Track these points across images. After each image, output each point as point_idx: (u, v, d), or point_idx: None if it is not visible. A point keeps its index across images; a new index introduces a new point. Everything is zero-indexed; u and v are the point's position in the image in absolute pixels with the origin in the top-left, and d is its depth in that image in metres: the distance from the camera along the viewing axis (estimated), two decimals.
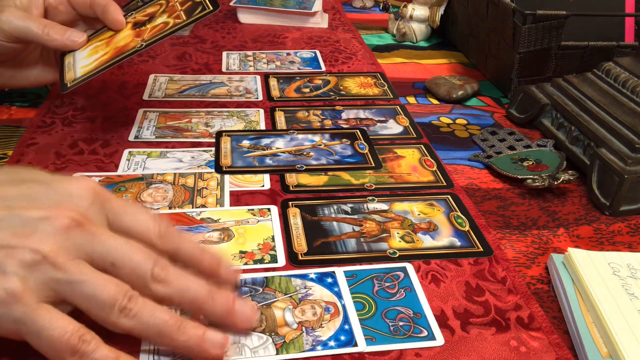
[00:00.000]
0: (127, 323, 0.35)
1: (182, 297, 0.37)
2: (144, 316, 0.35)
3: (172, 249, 0.39)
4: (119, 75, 0.75)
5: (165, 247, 0.39)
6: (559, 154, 0.60)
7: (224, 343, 0.37)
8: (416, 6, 0.94)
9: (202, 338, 0.36)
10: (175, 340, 0.36)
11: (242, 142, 0.61)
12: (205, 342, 0.36)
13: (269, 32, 0.93)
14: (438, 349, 0.39)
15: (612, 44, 0.73)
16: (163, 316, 0.35)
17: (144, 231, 0.38)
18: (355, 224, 0.50)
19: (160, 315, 0.35)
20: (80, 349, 0.34)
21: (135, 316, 0.35)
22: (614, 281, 0.43)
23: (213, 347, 0.36)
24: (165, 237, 0.39)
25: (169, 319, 0.35)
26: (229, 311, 0.38)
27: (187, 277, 0.37)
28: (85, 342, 0.34)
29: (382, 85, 0.76)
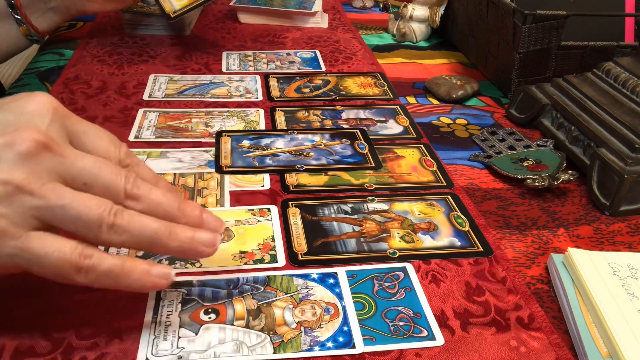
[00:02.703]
0: (119, 238, 0.35)
1: (154, 211, 0.37)
2: (133, 229, 0.35)
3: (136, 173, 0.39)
4: (119, 76, 0.75)
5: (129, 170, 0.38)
6: (559, 154, 0.60)
7: (214, 240, 0.37)
8: (416, 6, 0.94)
9: (193, 240, 0.37)
10: (167, 247, 0.36)
11: (242, 142, 0.61)
12: (196, 243, 0.37)
13: (269, 32, 0.93)
14: (438, 349, 0.39)
15: (612, 44, 0.73)
16: (152, 225, 0.36)
17: (105, 156, 0.38)
18: (355, 224, 0.50)
19: (150, 225, 0.35)
20: (84, 265, 0.34)
21: (125, 231, 0.35)
22: (614, 281, 0.43)
23: (205, 246, 0.37)
24: (126, 164, 0.39)
25: (158, 227, 0.36)
26: (199, 219, 0.38)
27: (156, 191, 0.37)
28: (87, 256, 0.34)
29: (382, 85, 0.76)
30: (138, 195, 0.36)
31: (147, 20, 0.88)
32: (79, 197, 0.34)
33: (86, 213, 0.34)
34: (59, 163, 0.35)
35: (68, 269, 0.34)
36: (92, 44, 0.84)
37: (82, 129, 0.38)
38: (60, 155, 0.35)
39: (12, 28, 0.74)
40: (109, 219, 0.34)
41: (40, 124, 0.35)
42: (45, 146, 0.34)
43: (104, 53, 0.81)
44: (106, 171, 0.36)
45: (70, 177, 0.35)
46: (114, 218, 0.34)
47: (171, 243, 0.36)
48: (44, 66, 0.79)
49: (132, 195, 0.36)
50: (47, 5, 0.75)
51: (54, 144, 0.35)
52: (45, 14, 0.76)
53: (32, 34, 0.76)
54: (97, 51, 0.81)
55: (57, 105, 0.37)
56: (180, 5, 0.75)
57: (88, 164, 0.35)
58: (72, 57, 0.80)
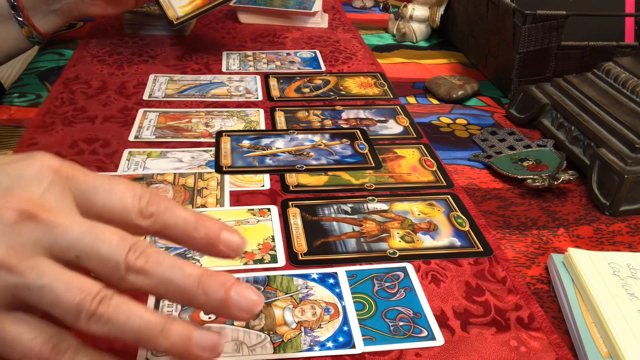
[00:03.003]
0: (100, 329, 0.29)
1: (167, 289, 0.31)
2: (118, 320, 0.29)
3: (160, 227, 0.33)
4: (119, 76, 0.75)
5: (152, 226, 0.33)
6: (559, 154, 0.60)
7: (215, 346, 0.31)
8: (416, 6, 0.94)
9: (189, 341, 0.30)
10: (157, 345, 0.30)
11: (242, 142, 0.61)
12: (192, 346, 0.30)
13: (269, 32, 0.93)
14: (438, 349, 0.39)
15: (612, 44, 0.73)
16: (142, 319, 0.30)
17: (122, 211, 0.32)
18: (355, 224, 0.50)
19: (139, 318, 0.30)
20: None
21: (109, 321, 0.29)
22: (614, 281, 0.43)
23: (203, 351, 0.30)
24: (149, 214, 0.32)
25: (148, 321, 0.30)
26: (223, 302, 0.31)
27: (171, 263, 0.31)
28: (60, 352, 0.29)
29: (382, 85, 0.76)
30: (143, 268, 0.30)
31: (147, 20, 0.88)
32: (60, 277, 0.29)
33: (65, 297, 0.29)
34: (46, 234, 0.30)
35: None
36: (92, 44, 0.84)
37: (90, 186, 0.33)
38: (50, 224, 0.30)
39: (14, 30, 0.74)
40: (89, 307, 0.29)
41: (35, 189, 0.31)
42: (30, 216, 0.30)
43: (104, 53, 0.81)
44: (104, 240, 0.30)
45: (60, 250, 0.30)
46: (96, 306, 0.29)
47: (162, 342, 0.30)
48: (44, 66, 0.79)
49: (135, 269, 0.30)
50: (49, 8, 0.76)
51: (43, 212, 0.30)
52: (47, 16, 0.76)
53: (34, 36, 0.76)
54: (97, 51, 0.81)
55: (60, 165, 0.33)
56: (184, 12, 0.75)
57: (82, 232, 0.30)
58: (72, 57, 0.80)
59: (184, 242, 0.33)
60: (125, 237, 0.31)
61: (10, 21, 0.74)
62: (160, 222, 0.33)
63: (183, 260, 0.32)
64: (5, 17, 0.73)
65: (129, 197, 0.32)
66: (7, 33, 0.74)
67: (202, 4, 0.76)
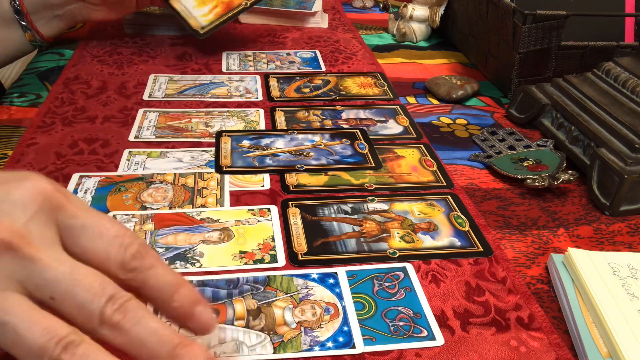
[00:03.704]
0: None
1: (139, 351, 0.29)
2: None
3: (138, 284, 0.31)
4: (119, 76, 0.75)
5: (130, 281, 0.31)
6: (559, 154, 0.60)
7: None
8: (416, 6, 0.94)
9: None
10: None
11: (242, 142, 0.61)
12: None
13: (269, 32, 0.93)
14: (438, 349, 0.39)
15: (612, 44, 0.73)
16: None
17: (104, 259, 0.30)
18: (355, 224, 0.50)
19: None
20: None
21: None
22: (614, 281, 0.43)
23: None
24: (131, 269, 0.31)
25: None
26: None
27: (149, 323, 0.29)
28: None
29: (382, 85, 0.76)
30: (118, 324, 0.28)
31: (147, 20, 0.88)
32: (28, 316, 0.27)
33: (27, 339, 0.27)
34: (23, 268, 0.28)
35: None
36: (92, 44, 0.84)
37: (79, 223, 0.31)
38: (28, 258, 0.28)
39: (16, 34, 0.75)
40: (52, 352, 0.27)
41: (19, 217, 0.29)
42: (8, 246, 0.28)
43: (104, 53, 0.81)
44: (83, 286, 0.28)
45: (35, 287, 0.28)
46: (59, 352, 0.27)
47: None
48: (44, 66, 0.79)
49: (110, 323, 0.28)
50: (53, 13, 0.76)
51: (23, 243, 0.28)
52: (51, 21, 0.76)
53: (37, 40, 0.76)
54: (97, 51, 0.81)
55: (51, 193, 0.30)
56: (208, 21, 0.76)
57: (61, 273, 0.28)
58: (72, 57, 0.80)
59: (157, 306, 0.32)
60: (106, 285, 0.29)
61: (14, 25, 0.74)
62: (140, 280, 0.31)
63: (162, 323, 0.30)
64: (8, 21, 0.73)
65: (115, 246, 0.31)
66: (9, 37, 0.74)
67: (223, 12, 0.77)
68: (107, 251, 0.30)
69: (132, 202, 0.51)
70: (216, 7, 0.76)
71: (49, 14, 0.76)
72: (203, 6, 0.76)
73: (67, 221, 0.30)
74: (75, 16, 0.78)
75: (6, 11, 0.73)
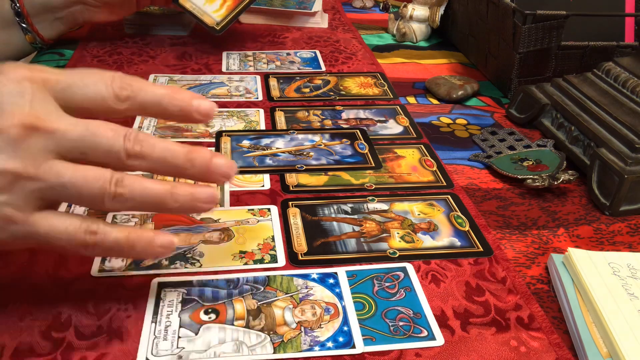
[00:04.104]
0: (123, 206, 0.35)
1: (162, 167, 0.36)
2: (136, 196, 0.35)
3: (138, 107, 0.37)
4: None
5: (130, 108, 0.37)
6: (559, 154, 0.60)
7: (212, 197, 0.37)
8: (416, 6, 0.94)
9: (193, 198, 0.36)
10: (170, 208, 0.36)
11: (242, 142, 0.61)
12: (196, 202, 0.37)
13: (269, 32, 0.93)
14: (438, 349, 0.39)
15: (612, 44, 0.73)
16: (153, 189, 0.35)
17: (100, 100, 0.36)
18: (355, 224, 0.50)
19: (151, 190, 0.35)
20: (89, 241, 0.35)
21: (128, 199, 0.35)
22: (614, 281, 0.43)
23: (204, 203, 0.37)
24: (125, 97, 0.37)
25: (159, 190, 0.36)
26: (208, 170, 0.37)
27: (161, 144, 0.36)
28: (92, 233, 0.35)
29: (382, 85, 0.76)
30: (141, 153, 0.35)
31: (147, 20, 0.88)
32: (77, 172, 0.34)
33: (87, 188, 0.34)
34: (50, 140, 0.34)
35: (75, 246, 0.35)
36: (92, 44, 0.84)
37: (65, 85, 0.36)
38: (51, 131, 0.34)
39: (17, 36, 0.75)
40: (110, 190, 0.34)
41: (22, 103, 0.34)
42: (32, 127, 0.33)
43: (104, 53, 0.81)
44: (102, 135, 0.35)
45: (66, 150, 0.34)
46: (115, 188, 0.34)
47: (173, 204, 0.36)
48: None
49: (134, 154, 0.35)
50: (54, 15, 0.76)
51: (41, 122, 0.34)
52: (52, 24, 0.76)
53: (37, 42, 0.76)
54: (97, 51, 0.81)
55: (31, 74, 0.35)
56: (221, 17, 0.76)
57: (80, 132, 0.34)
58: (72, 57, 0.80)
59: (161, 116, 0.38)
60: (115, 128, 0.35)
61: (14, 27, 0.74)
62: (138, 102, 0.37)
63: (170, 141, 0.37)
64: (8, 23, 0.73)
65: (102, 86, 0.36)
66: (10, 38, 0.74)
67: (234, 6, 0.77)
68: (99, 93, 0.36)
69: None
70: (226, 1, 0.77)
71: (49, 16, 0.76)
72: (213, 1, 0.77)
73: (55, 87, 0.35)
74: (76, 18, 0.78)
75: (6, 13, 0.73)
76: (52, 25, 0.77)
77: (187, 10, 0.78)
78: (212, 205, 0.37)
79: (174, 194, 0.36)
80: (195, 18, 0.78)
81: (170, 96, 0.37)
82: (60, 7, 0.75)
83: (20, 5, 0.72)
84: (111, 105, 0.36)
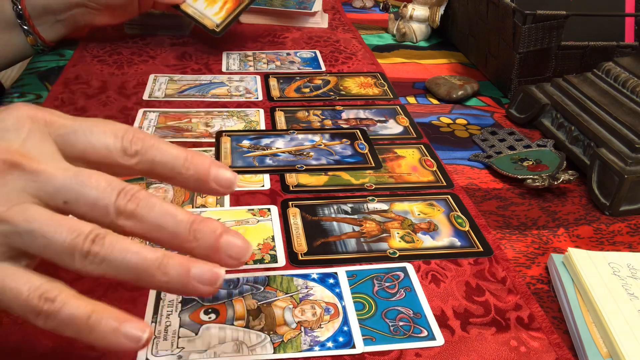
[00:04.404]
0: (96, 269, 0.29)
1: (159, 234, 0.31)
2: (114, 258, 0.29)
3: (147, 166, 0.32)
4: (119, 76, 0.75)
5: (138, 165, 0.32)
6: (559, 154, 0.60)
7: (214, 279, 0.30)
8: (416, 6, 0.94)
9: (187, 276, 0.30)
10: (156, 282, 0.30)
11: (242, 142, 0.61)
12: (191, 280, 0.30)
13: (269, 32, 0.93)
14: (438, 349, 0.39)
15: (612, 44, 0.73)
16: (138, 255, 0.29)
17: (105, 152, 0.32)
18: (355, 224, 0.50)
19: (135, 255, 0.29)
20: (43, 310, 0.29)
21: (104, 260, 0.29)
22: (614, 281, 0.43)
23: (202, 285, 0.30)
24: (134, 152, 0.32)
25: (145, 257, 0.30)
26: (213, 248, 0.31)
27: (162, 207, 0.31)
28: (47, 300, 0.29)
29: (382, 85, 0.76)
30: (134, 213, 0.30)
31: (147, 20, 0.88)
32: (51, 220, 0.29)
33: (57, 239, 0.29)
34: (31, 181, 0.30)
35: (26, 312, 0.29)
36: (93, 44, 0.84)
37: (70, 130, 0.32)
38: (34, 172, 0.30)
39: (18, 38, 0.75)
40: (82, 246, 0.29)
41: (14, 139, 0.31)
42: (12, 164, 0.30)
43: (104, 53, 0.81)
44: (91, 186, 0.30)
45: (47, 196, 0.30)
46: (89, 245, 0.29)
47: (160, 278, 0.30)
48: (44, 66, 0.79)
49: (126, 213, 0.30)
50: (55, 18, 0.76)
51: (26, 160, 0.30)
52: (53, 26, 0.76)
53: (39, 44, 0.76)
54: (97, 51, 0.81)
55: (35, 113, 0.32)
56: (221, 19, 0.77)
57: (67, 178, 0.30)
58: (72, 57, 0.80)
59: (173, 180, 0.33)
60: (112, 181, 0.31)
61: (16, 29, 0.74)
62: (148, 160, 0.32)
63: (173, 205, 0.31)
64: (10, 25, 0.73)
65: (109, 136, 0.32)
66: (11, 40, 0.75)
67: (233, 8, 0.78)
68: (105, 144, 0.32)
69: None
70: (226, 4, 0.78)
71: (51, 19, 0.76)
72: (213, 5, 0.78)
73: (58, 131, 0.32)
74: (78, 21, 0.78)
75: (8, 15, 0.73)
76: (54, 28, 0.77)
77: (188, 15, 0.78)
78: (212, 289, 0.30)
79: (163, 265, 0.30)
80: (196, 22, 0.78)
81: (185, 159, 0.33)
82: (62, 9, 0.75)
83: (22, 7, 0.73)
84: (116, 159, 0.32)
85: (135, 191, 0.31)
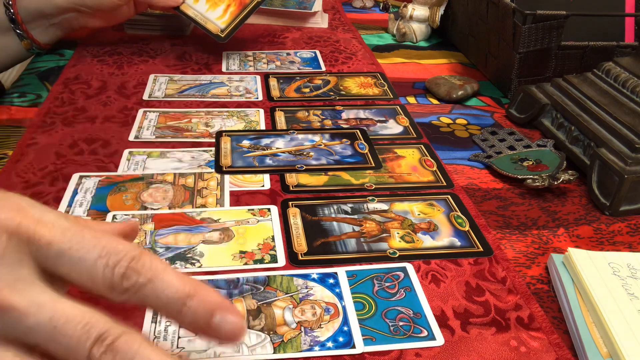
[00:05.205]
0: None
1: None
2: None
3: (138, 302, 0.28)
4: (119, 76, 0.75)
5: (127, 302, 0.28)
6: (559, 154, 0.60)
7: None
8: (416, 6, 0.94)
9: None
10: None
11: (242, 142, 0.61)
12: None
13: (269, 32, 0.93)
14: (438, 349, 0.39)
15: (612, 44, 0.73)
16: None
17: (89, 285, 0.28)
18: (355, 224, 0.50)
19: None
20: None
21: None
22: (614, 281, 0.43)
23: None
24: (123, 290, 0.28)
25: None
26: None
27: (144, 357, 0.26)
28: None
29: (382, 85, 0.76)
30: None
31: (147, 20, 0.88)
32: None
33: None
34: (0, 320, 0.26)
35: None
36: (92, 44, 0.84)
37: (54, 252, 0.27)
38: (4, 308, 0.26)
39: (13, 41, 0.74)
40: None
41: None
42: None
43: (104, 53, 0.81)
44: (65, 334, 0.26)
45: (18, 335, 0.26)
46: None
47: None
48: (44, 66, 0.79)
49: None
50: (49, 21, 0.75)
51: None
52: (47, 29, 0.76)
53: (34, 48, 0.76)
54: (97, 51, 0.81)
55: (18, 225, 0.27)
56: (225, 23, 0.74)
57: (41, 321, 0.26)
58: (72, 57, 0.80)
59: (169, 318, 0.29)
60: (90, 326, 0.26)
61: (9, 33, 0.74)
62: (137, 299, 0.28)
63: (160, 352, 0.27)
64: (4, 29, 0.73)
65: (99, 269, 0.27)
66: (6, 44, 0.74)
67: (238, 11, 0.76)
68: (91, 276, 0.27)
69: (132, 202, 0.51)
70: (230, 7, 0.75)
71: (44, 23, 0.75)
72: (216, 7, 0.75)
73: (41, 251, 0.27)
74: (72, 24, 0.77)
75: (1, 20, 0.73)
76: (48, 31, 0.76)
77: (189, 17, 0.77)
78: None
79: None
80: (198, 25, 0.77)
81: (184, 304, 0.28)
82: (54, 13, 0.75)
83: (14, 12, 0.72)
84: (102, 292, 0.28)
85: (114, 339, 0.26)
